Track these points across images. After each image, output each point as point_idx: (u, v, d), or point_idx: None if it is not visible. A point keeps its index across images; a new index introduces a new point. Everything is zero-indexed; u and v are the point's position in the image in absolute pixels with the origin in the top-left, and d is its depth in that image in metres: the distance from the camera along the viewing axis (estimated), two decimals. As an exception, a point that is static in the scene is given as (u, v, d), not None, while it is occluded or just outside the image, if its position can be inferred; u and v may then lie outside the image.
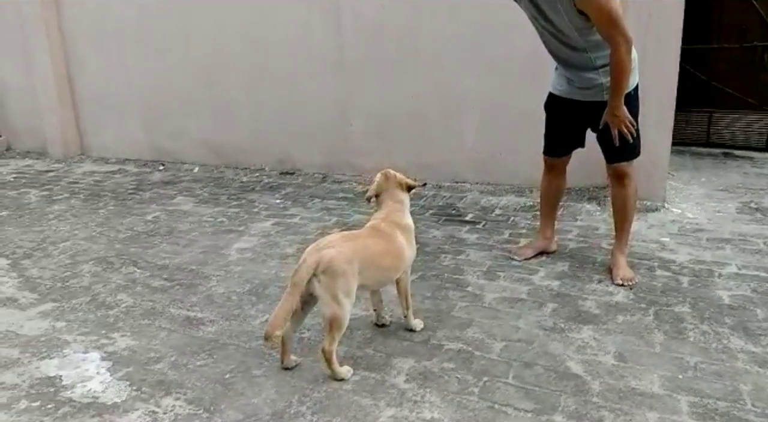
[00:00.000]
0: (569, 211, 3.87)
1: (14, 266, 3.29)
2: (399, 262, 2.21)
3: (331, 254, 1.98)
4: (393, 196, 2.33)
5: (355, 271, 2.01)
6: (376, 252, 2.13)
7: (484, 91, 4.47)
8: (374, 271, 2.12)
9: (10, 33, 6.57)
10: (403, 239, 2.25)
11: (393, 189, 2.34)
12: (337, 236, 2.14)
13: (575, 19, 2.45)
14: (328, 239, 2.09)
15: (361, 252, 2.07)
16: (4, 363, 2.26)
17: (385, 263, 2.17)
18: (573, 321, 2.43)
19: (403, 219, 2.30)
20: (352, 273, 2.00)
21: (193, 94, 5.73)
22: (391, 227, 2.24)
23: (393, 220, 2.26)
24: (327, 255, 1.97)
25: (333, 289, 1.97)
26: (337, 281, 1.97)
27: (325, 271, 1.95)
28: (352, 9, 4.81)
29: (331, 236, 2.13)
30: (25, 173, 5.87)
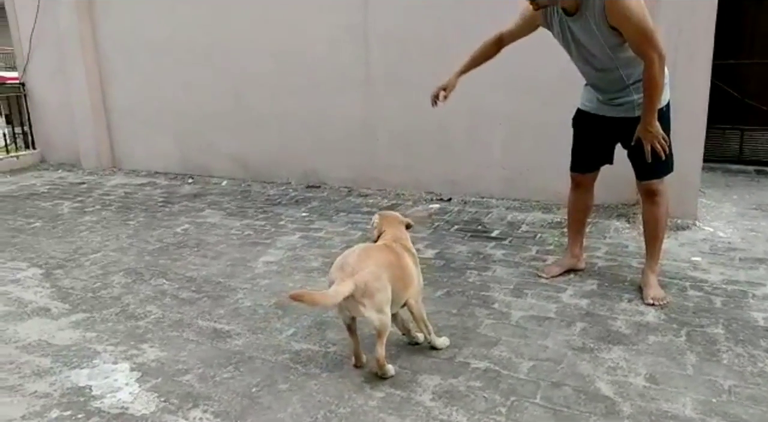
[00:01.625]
0: (597, 228, 3.82)
1: (47, 276, 3.37)
2: (408, 283, 2.24)
3: (364, 278, 2.05)
4: (396, 230, 2.40)
5: (386, 281, 2.11)
6: (393, 265, 2.20)
7: (511, 106, 4.46)
8: (393, 284, 2.15)
9: (48, 49, 6.80)
10: (411, 262, 2.31)
11: (393, 224, 2.42)
12: (355, 256, 2.16)
13: (608, 36, 2.44)
14: (350, 261, 2.12)
15: (384, 265, 2.14)
16: (36, 372, 2.30)
17: (398, 277, 2.20)
18: (603, 341, 2.39)
19: (409, 244, 2.39)
20: (385, 284, 2.11)
21: (222, 110, 5.84)
22: (400, 249, 2.30)
23: (401, 243, 2.33)
24: (361, 281, 2.04)
25: (378, 305, 2.07)
26: (378, 297, 2.07)
27: (364, 295, 2.05)
28: (380, 26, 4.86)
29: (351, 257, 2.15)
30: (59, 185, 6.02)
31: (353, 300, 2.04)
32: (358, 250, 2.20)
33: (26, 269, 3.49)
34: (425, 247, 3.62)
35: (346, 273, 2.07)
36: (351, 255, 2.15)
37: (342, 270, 2.09)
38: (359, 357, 2.24)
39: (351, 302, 2.04)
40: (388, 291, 2.10)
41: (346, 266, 2.10)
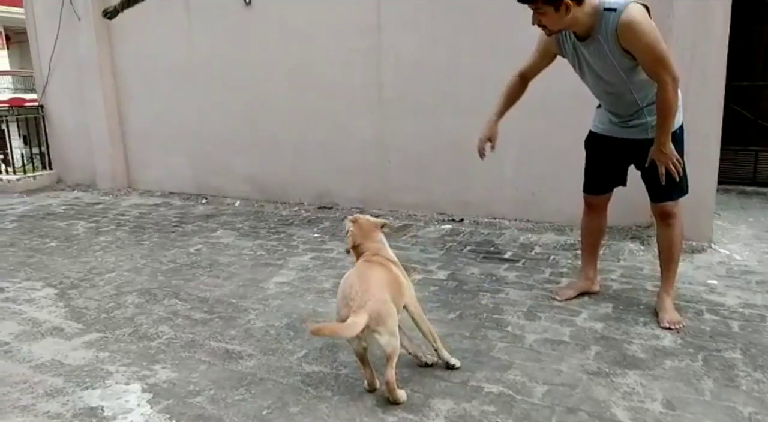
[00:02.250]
0: (611, 250, 3.79)
1: (61, 296, 3.39)
2: (403, 292, 2.28)
3: (376, 308, 2.06)
4: (371, 238, 2.40)
5: (391, 303, 2.14)
6: (389, 282, 2.23)
7: (524, 128, 4.45)
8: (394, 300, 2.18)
9: (67, 72, 6.95)
10: (398, 271, 2.32)
11: (368, 232, 2.41)
12: (356, 287, 2.13)
13: (621, 59, 2.45)
14: (353, 294, 2.09)
15: (384, 286, 2.17)
16: (49, 392, 2.31)
17: (396, 292, 2.23)
18: (618, 366, 2.36)
19: (390, 255, 2.40)
20: (392, 307, 2.14)
21: (237, 132, 5.91)
22: (384, 261, 2.32)
23: (383, 255, 2.35)
24: (374, 311, 2.05)
25: (390, 330, 2.09)
26: (389, 322, 2.10)
27: (378, 323, 2.06)
28: (393, 49, 4.92)
29: (352, 289, 2.12)
30: (74, 205, 6.10)
31: (368, 330, 2.04)
32: (354, 280, 2.17)
33: (41, 289, 3.52)
34: (437, 269, 3.61)
35: (356, 305, 2.06)
36: (351, 287, 2.12)
37: (349, 306, 2.07)
38: (372, 383, 2.22)
39: (366, 332, 2.04)
40: (395, 313, 2.14)
41: (351, 301, 2.07)
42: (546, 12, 2.42)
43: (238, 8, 5.59)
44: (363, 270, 2.25)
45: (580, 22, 2.46)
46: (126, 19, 6.46)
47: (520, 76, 2.86)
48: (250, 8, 5.55)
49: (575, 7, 2.40)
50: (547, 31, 2.54)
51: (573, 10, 2.40)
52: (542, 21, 2.47)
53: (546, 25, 2.49)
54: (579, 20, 2.45)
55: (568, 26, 2.50)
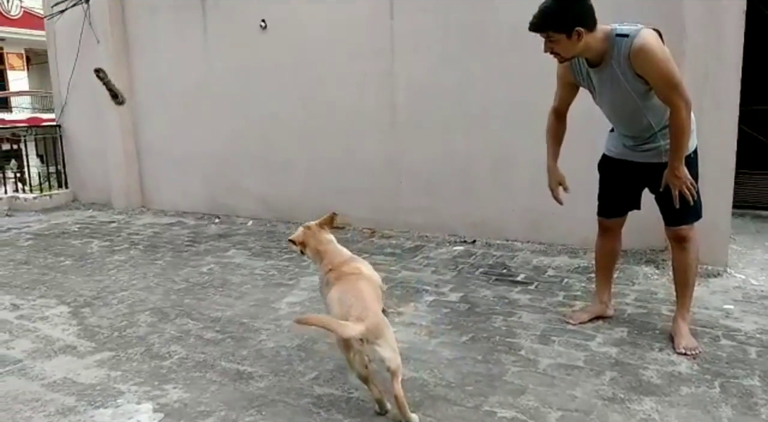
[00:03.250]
0: (626, 274, 3.75)
1: (75, 314, 3.41)
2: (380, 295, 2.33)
3: (373, 322, 2.06)
4: (320, 240, 2.52)
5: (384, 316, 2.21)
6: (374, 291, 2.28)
7: (537, 150, 4.45)
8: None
9: (84, 92, 7.08)
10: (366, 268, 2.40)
11: (317, 234, 2.54)
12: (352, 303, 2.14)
13: (635, 84, 2.46)
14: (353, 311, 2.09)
15: (373, 299, 2.21)
16: (61, 411, 2.31)
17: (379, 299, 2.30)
18: (633, 392, 2.32)
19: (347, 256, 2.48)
20: (385, 319, 2.20)
21: (250, 152, 5.97)
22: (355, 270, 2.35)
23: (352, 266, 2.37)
24: (372, 325, 2.05)
25: (390, 343, 2.10)
26: (387, 333, 2.11)
27: (377, 337, 2.06)
28: (406, 72, 4.98)
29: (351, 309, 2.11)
30: (89, 224, 6.16)
31: (368, 343, 2.04)
32: (347, 298, 2.17)
33: (55, 307, 3.55)
34: (449, 290, 3.59)
35: (354, 318, 2.06)
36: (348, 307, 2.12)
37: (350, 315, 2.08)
38: (382, 403, 2.19)
39: (367, 346, 2.04)
40: (389, 324, 2.18)
41: (350, 316, 2.07)
42: (558, 40, 2.45)
43: (255, 32, 5.69)
44: (350, 286, 2.24)
45: (592, 48, 2.48)
46: (144, 42, 6.59)
47: (555, 113, 2.87)
48: (266, 32, 5.65)
49: (587, 34, 2.43)
50: (560, 58, 2.56)
51: (585, 37, 2.43)
52: (554, 48, 2.49)
53: (558, 53, 2.51)
54: (591, 47, 2.47)
55: (581, 53, 2.52)
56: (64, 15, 7.01)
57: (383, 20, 4.99)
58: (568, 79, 2.72)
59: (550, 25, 2.43)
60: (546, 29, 2.45)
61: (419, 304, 3.38)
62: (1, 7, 23.57)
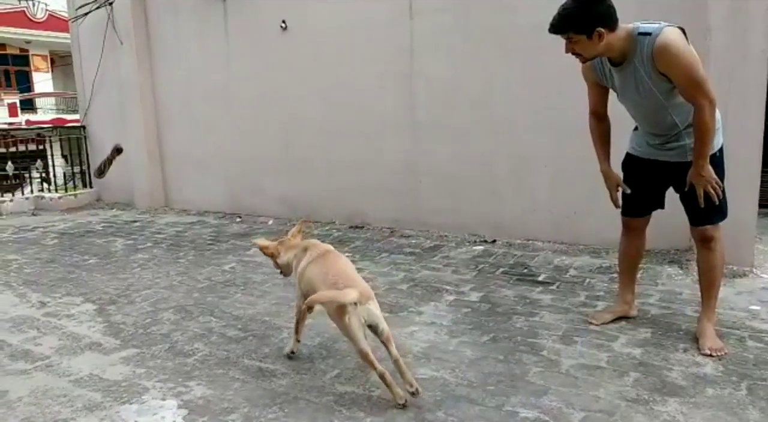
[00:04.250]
0: (649, 274, 3.71)
1: (100, 312, 3.47)
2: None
3: (363, 287, 2.30)
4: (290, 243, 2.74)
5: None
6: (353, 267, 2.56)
7: (557, 149, 4.45)
8: None
9: (108, 94, 7.20)
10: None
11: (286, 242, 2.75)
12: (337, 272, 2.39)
13: (659, 83, 2.44)
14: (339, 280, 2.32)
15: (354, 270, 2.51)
16: (88, 406, 2.35)
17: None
18: (657, 393, 2.29)
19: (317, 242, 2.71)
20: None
21: (270, 153, 6.02)
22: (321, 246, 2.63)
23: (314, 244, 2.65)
24: (363, 289, 2.28)
25: (378, 306, 2.31)
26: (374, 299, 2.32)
27: (369, 298, 2.27)
28: (425, 73, 4.98)
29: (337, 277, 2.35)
30: (113, 223, 6.26)
31: (363, 306, 2.23)
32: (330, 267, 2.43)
33: (80, 304, 3.61)
34: (470, 290, 3.59)
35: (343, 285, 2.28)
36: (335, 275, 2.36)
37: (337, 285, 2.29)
38: (395, 391, 2.23)
39: (361, 308, 2.22)
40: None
41: (339, 283, 2.29)
42: (579, 41, 2.44)
43: (275, 33, 5.74)
44: (330, 259, 2.51)
45: (614, 48, 2.46)
46: (166, 44, 6.68)
47: (593, 115, 2.83)
48: (287, 33, 5.69)
49: (608, 34, 2.41)
50: (582, 59, 2.55)
51: (606, 37, 2.41)
52: (576, 49, 2.48)
53: (580, 53, 2.50)
54: (613, 46, 2.46)
55: (603, 53, 2.50)
56: (87, 17, 7.14)
57: (403, 20, 4.99)
58: (593, 79, 2.70)
59: (570, 26, 2.42)
60: (566, 31, 2.44)
61: (439, 304, 3.37)
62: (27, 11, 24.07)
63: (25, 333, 3.16)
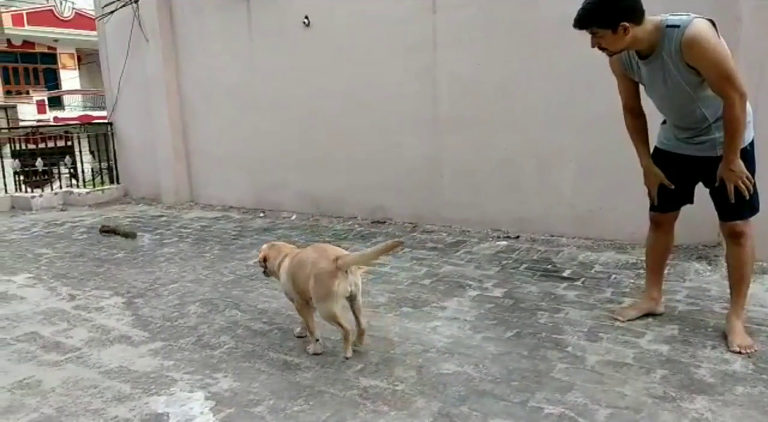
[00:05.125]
0: (676, 270, 3.66)
1: (128, 305, 3.54)
2: None
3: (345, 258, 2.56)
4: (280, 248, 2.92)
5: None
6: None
7: (582, 144, 4.40)
8: None
9: (136, 91, 7.30)
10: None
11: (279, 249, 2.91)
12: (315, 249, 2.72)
13: (688, 76, 2.40)
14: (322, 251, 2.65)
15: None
16: (117, 397, 2.40)
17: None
18: (685, 390, 2.26)
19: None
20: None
21: (293, 149, 6.06)
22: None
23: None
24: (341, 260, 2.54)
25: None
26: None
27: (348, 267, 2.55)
28: (447, 68, 4.96)
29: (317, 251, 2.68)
30: (140, 218, 6.36)
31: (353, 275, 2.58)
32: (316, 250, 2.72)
33: (109, 297, 3.68)
34: (493, 286, 3.57)
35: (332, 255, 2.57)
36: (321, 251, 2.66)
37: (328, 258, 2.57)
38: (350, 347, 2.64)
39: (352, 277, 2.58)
40: None
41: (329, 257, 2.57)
42: (604, 35, 2.41)
43: (298, 30, 5.76)
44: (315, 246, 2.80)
45: (641, 41, 2.43)
46: (191, 41, 6.75)
47: (627, 111, 2.78)
48: (309, 29, 5.71)
49: (634, 27, 2.38)
50: (608, 53, 2.52)
51: (632, 31, 2.38)
52: (601, 44, 2.46)
53: (606, 48, 2.47)
54: (640, 39, 2.42)
55: (629, 46, 2.47)
56: (114, 16, 7.24)
57: (426, 15, 4.98)
58: (621, 72, 2.67)
59: (595, 21, 2.40)
60: (590, 26, 2.42)
61: (462, 299, 3.37)
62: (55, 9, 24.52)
63: (56, 325, 3.23)
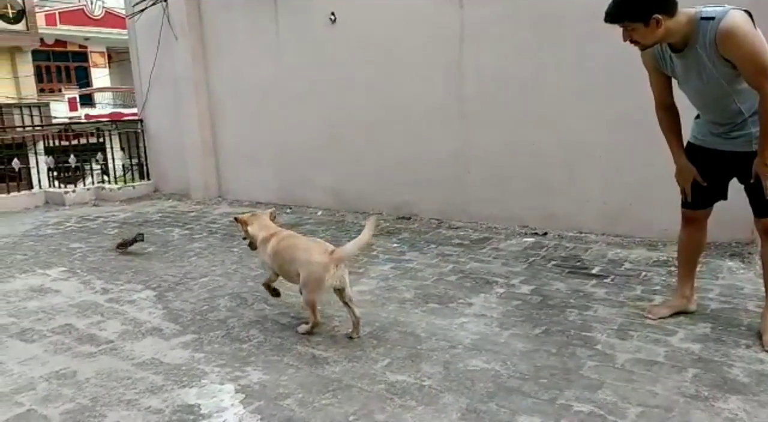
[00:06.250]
0: (709, 268, 3.59)
1: (160, 298, 3.60)
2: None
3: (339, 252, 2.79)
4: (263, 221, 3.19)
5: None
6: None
7: (612, 139, 4.34)
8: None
9: (165, 88, 7.41)
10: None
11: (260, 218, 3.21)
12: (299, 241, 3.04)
13: (723, 69, 2.35)
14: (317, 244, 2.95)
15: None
16: (150, 389, 2.45)
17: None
18: (718, 390, 2.23)
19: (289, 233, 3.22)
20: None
21: (319, 145, 6.09)
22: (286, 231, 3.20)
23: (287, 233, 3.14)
24: (336, 254, 2.78)
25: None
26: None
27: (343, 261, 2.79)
28: (474, 62, 4.93)
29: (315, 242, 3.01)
30: (170, 213, 6.47)
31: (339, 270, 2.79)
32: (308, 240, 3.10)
33: (141, 291, 3.76)
34: (520, 283, 3.55)
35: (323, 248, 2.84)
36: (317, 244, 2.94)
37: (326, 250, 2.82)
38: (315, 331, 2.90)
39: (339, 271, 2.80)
40: None
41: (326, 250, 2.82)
42: (636, 28, 2.38)
43: (324, 25, 5.78)
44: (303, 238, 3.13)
45: (674, 33, 2.39)
46: (220, 39, 6.83)
47: (660, 106, 2.74)
48: (335, 25, 5.72)
49: (667, 19, 2.33)
50: (640, 46, 2.48)
51: (665, 23, 2.34)
52: (633, 37, 2.42)
53: (638, 41, 2.43)
54: (673, 32, 2.38)
55: (662, 39, 2.42)
56: (143, 14, 7.35)
57: (452, 10, 4.95)
58: (654, 66, 2.62)
59: (626, 14, 2.36)
60: (622, 19, 2.38)
61: (489, 296, 3.36)
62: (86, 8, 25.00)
63: (90, 318, 3.31)
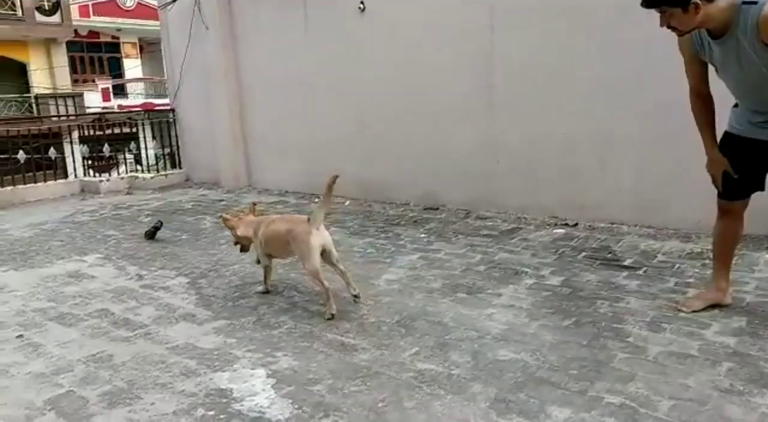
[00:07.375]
0: (744, 260, 3.50)
1: (192, 284, 3.68)
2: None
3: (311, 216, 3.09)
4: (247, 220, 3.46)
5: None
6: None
7: (645, 129, 4.25)
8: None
9: (196, 79, 7.50)
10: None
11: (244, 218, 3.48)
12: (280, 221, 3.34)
13: (764, 55, 2.29)
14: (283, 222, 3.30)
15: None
16: (184, 373, 2.51)
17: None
18: (754, 384, 2.18)
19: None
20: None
21: (347, 135, 6.11)
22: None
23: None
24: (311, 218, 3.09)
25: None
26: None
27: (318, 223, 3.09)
28: (504, 52, 4.88)
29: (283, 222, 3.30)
30: (201, 202, 6.58)
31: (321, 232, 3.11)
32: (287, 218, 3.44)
33: (174, 277, 3.84)
34: (550, 274, 3.52)
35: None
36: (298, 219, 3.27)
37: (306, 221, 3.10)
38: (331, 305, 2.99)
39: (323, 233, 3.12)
40: None
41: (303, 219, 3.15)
42: (674, 14, 2.33)
43: (353, 15, 5.77)
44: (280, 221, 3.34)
45: (714, 19, 2.32)
46: (249, 29, 6.88)
47: (694, 94, 2.68)
48: (364, 15, 5.71)
49: (706, 4, 2.28)
50: (678, 33, 2.43)
51: (704, 8, 2.28)
52: (671, 23, 2.36)
53: (676, 27, 2.37)
54: (713, 18, 2.32)
55: (701, 25, 2.37)
56: (175, 5, 7.45)
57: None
58: (691, 53, 2.56)
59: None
60: (660, 4, 2.33)
61: (518, 286, 3.34)
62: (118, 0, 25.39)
63: (125, 303, 3.40)
